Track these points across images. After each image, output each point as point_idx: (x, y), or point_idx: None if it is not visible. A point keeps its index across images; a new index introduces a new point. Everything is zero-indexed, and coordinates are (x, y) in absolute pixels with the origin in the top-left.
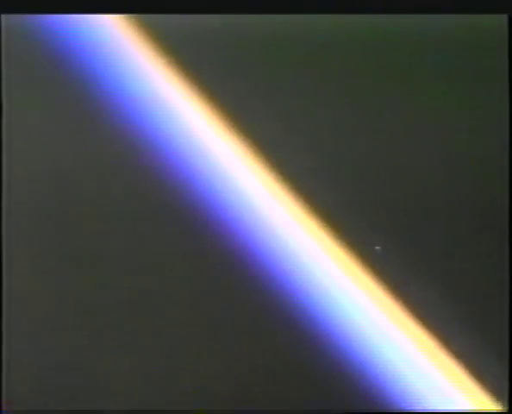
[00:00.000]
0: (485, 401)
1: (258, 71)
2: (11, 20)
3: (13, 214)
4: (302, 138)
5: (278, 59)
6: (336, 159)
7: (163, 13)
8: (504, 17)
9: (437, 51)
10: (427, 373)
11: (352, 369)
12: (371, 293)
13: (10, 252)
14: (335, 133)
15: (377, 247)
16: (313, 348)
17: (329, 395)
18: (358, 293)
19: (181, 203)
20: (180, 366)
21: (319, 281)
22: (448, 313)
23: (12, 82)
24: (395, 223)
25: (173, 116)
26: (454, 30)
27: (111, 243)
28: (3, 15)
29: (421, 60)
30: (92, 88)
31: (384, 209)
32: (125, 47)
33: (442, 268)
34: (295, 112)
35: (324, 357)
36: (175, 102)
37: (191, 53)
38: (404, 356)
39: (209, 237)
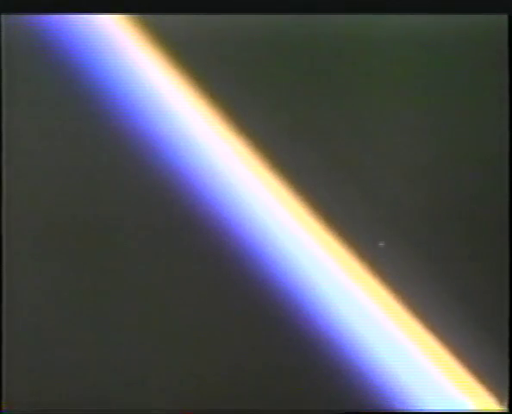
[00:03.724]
0: (486, 401)
1: (258, 70)
2: (11, 20)
3: (12, 214)
4: (302, 137)
5: (279, 59)
6: (336, 159)
7: (163, 13)
8: (504, 17)
9: (437, 51)
10: (427, 373)
11: (352, 369)
12: (370, 292)
13: (11, 253)
14: (335, 132)
15: (381, 244)
16: (313, 348)
17: (329, 395)
18: (358, 292)
19: (181, 203)
20: (179, 366)
21: (319, 280)
22: (449, 313)
23: (12, 82)
24: (395, 223)
25: (174, 116)
26: (454, 30)
27: (110, 243)
28: (2, 15)
29: (421, 60)
30: (92, 88)
31: (384, 208)
32: (125, 47)
33: (443, 267)
34: (295, 111)
35: (324, 357)
36: (175, 102)
37: (191, 53)
38: (404, 356)
39: (209, 237)
